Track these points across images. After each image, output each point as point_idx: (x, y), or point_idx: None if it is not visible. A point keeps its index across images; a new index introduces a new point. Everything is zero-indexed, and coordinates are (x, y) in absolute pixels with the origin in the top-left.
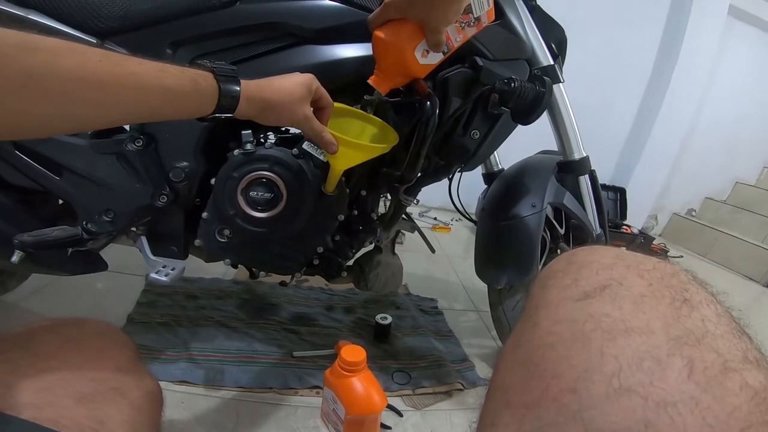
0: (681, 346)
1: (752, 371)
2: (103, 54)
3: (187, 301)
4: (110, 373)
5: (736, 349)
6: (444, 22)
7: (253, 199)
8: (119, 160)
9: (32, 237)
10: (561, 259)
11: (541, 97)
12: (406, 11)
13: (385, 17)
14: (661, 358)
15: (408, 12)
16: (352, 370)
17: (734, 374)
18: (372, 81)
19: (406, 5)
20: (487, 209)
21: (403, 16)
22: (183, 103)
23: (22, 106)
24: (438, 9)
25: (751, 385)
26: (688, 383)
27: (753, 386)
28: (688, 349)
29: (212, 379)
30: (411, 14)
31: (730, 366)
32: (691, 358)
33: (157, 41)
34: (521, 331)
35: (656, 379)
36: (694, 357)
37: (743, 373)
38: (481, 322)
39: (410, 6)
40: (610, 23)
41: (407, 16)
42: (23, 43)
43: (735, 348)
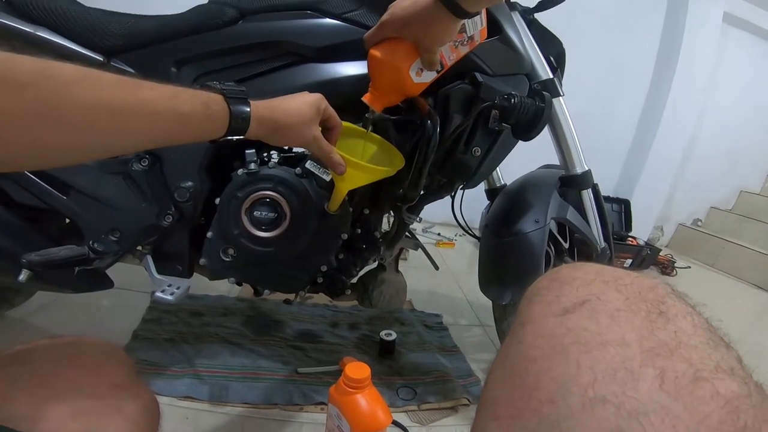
0: (653, 357)
1: (725, 380)
2: (117, 80)
3: (192, 318)
4: (107, 389)
5: (710, 359)
6: (439, 42)
7: (257, 219)
8: (125, 180)
9: (39, 256)
10: (545, 276)
11: (540, 113)
12: (402, 31)
13: (381, 36)
14: (634, 369)
15: (404, 31)
16: (357, 387)
17: (705, 383)
18: (366, 99)
19: (402, 25)
20: (490, 226)
21: (398, 35)
22: (195, 128)
23: (39, 138)
24: (434, 30)
25: (723, 393)
26: (660, 393)
27: (724, 395)
28: (660, 360)
29: (217, 395)
30: (406, 34)
31: (702, 375)
32: (663, 368)
33: (161, 59)
34: (508, 346)
35: (629, 389)
36: (666, 367)
37: (715, 382)
38: (487, 337)
39: (406, 26)
40: (608, 35)
41: (403, 35)
42: (39, 71)
43: (708, 358)
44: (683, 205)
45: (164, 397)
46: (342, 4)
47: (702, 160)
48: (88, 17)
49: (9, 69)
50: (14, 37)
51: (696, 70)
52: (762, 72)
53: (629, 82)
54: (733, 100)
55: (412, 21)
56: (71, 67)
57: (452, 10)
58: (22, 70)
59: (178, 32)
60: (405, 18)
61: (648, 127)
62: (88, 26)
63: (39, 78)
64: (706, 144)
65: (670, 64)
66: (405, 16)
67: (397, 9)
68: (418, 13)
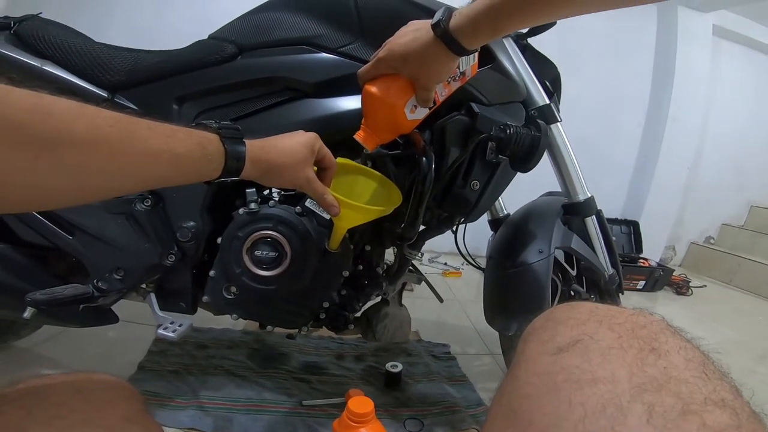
0: (642, 393)
1: (714, 412)
2: (114, 118)
3: (197, 351)
4: (118, 422)
5: (699, 393)
6: (436, 79)
7: (258, 258)
8: (128, 219)
9: (44, 295)
10: (542, 317)
11: (537, 142)
12: (399, 67)
13: (377, 72)
14: (623, 405)
15: (401, 68)
16: (360, 421)
17: (693, 416)
18: (358, 137)
19: (399, 62)
20: (494, 257)
21: (394, 72)
22: (191, 169)
23: (35, 181)
24: (432, 67)
25: (710, 425)
26: (647, 427)
27: (711, 426)
28: (648, 395)
29: (221, 427)
30: (404, 70)
31: (690, 409)
32: (651, 403)
33: (163, 96)
34: (505, 384)
35: (617, 424)
36: (654, 402)
37: (703, 414)
38: (496, 366)
39: (403, 63)
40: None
41: (399, 71)
42: (36, 107)
43: (698, 391)
44: (694, 224)
45: (168, 429)
46: (337, 38)
47: (709, 177)
48: (93, 52)
49: (6, 107)
50: (15, 69)
51: (693, 86)
52: (759, 82)
53: (627, 103)
54: (734, 113)
55: (411, 58)
56: (68, 103)
57: (452, 48)
58: (19, 107)
59: (179, 68)
60: (403, 55)
61: (650, 147)
62: (93, 62)
63: (36, 116)
64: (711, 160)
65: (666, 81)
66: (403, 53)
67: (395, 45)
68: (417, 50)
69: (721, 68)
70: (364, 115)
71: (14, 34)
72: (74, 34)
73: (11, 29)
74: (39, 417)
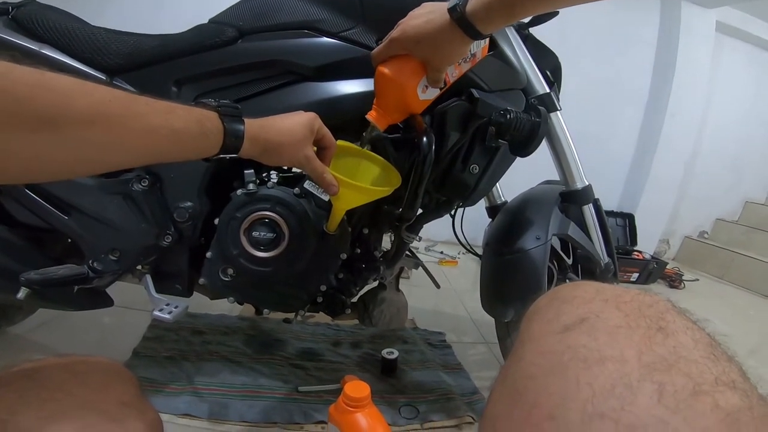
0: (652, 372)
1: (725, 393)
2: (113, 94)
3: (193, 337)
4: (113, 406)
5: (710, 373)
6: (449, 61)
7: (256, 239)
8: (125, 200)
9: (38, 275)
10: (546, 296)
11: (537, 128)
12: (412, 49)
13: (389, 53)
14: (632, 384)
15: (414, 50)
16: (357, 406)
17: (705, 397)
18: (370, 116)
19: (412, 44)
20: (491, 243)
21: (407, 53)
22: (189, 145)
23: (36, 152)
24: (445, 50)
25: (722, 406)
26: (658, 407)
27: (724, 408)
28: (658, 375)
29: (216, 413)
30: (416, 52)
31: (701, 389)
32: (662, 382)
33: (162, 79)
34: (509, 365)
35: (627, 404)
36: (664, 381)
37: (715, 395)
38: (491, 355)
39: (416, 45)
40: (602, 52)
41: (412, 53)
42: (37, 83)
43: (708, 372)
44: (689, 218)
45: (163, 415)
46: (339, 23)
47: (705, 172)
48: (92, 36)
49: (8, 81)
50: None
51: (693, 82)
52: (759, 80)
53: (627, 97)
54: (733, 110)
55: (424, 40)
56: (69, 79)
57: (467, 32)
58: (21, 82)
59: (179, 52)
60: (417, 37)
61: (648, 141)
62: (91, 45)
63: (37, 91)
64: (708, 155)
65: (667, 76)
66: (417, 35)
67: (409, 27)
68: (431, 32)
69: (722, 64)
70: (376, 95)
71: (12, 18)
72: (72, 18)
73: (9, 14)
74: (32, 401)
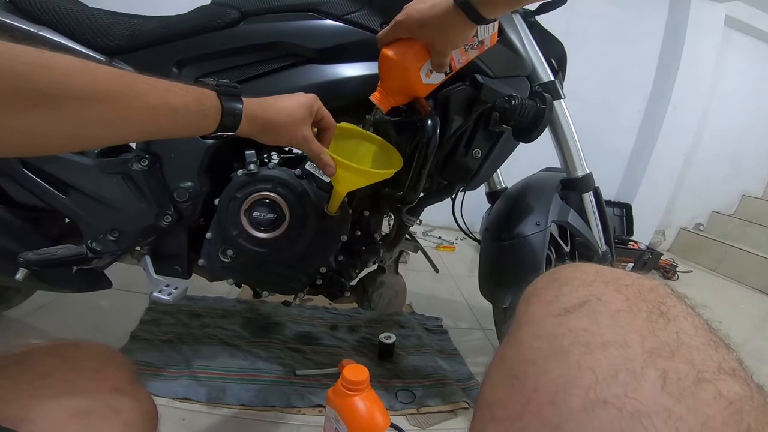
0: (655, 359)
1: (727, 381)
2: (113, 73)
3: (190, 320)
4: (107, 392)
5: (711, 360)
6: (452, 46)
7: (256, 220)
8: (125, 179)
9: (37, 255)
10: (544, 276)
11: (541, 114)
12: (416, 32)
13: (394, 36)
14: (636, 370)
15: (418, 33)
16: (355, 390)
17: (708, 385)
18: (374, 98)
19: (417, 27)
20: (491, 229)
21: (411, 36)
22: (187, 123)
23: (34, 126)
24: (449, 34)
25: (725, 395)
26: (662, 394)
27: (727, 396)
28: (662, 361)
29: (214, 396)
30: (420, 36)
31: (704, 377)
32: (665, 369)
33: (163, 60)
34: (505, 348)
35: (631, 391)
36: (668, 369)
37: (717, 383)
38: (487, 341)
39: (420, 28)
40: (608, 41)
41: (416, 36)
42: (38, 62)
43: (710, 359)
44: (685, 210)
45: (161, 399)
46: (343, 5)
47: (704, 165)
48: (91, 18)
49: (8, 60)
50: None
51: (697, 75)
52: (763, 75)
53: (630, 88)
54: (735, 104)
55: (429, 24)
56: (69, 58)
57: (471, 17)
58: (20, 60)
59: (180, 33)
60: (421, 20)
61: (649, 133)
62: (90, 27)
63: (37, 69)
64: (707, 148)
65: (671, 69)
66: (421, 19)
67: (413, 11)
68: (435, 16)
69: (727, 59)
70: (380, 77)
71: (11, 1)
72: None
73: None
74: (24, 388)
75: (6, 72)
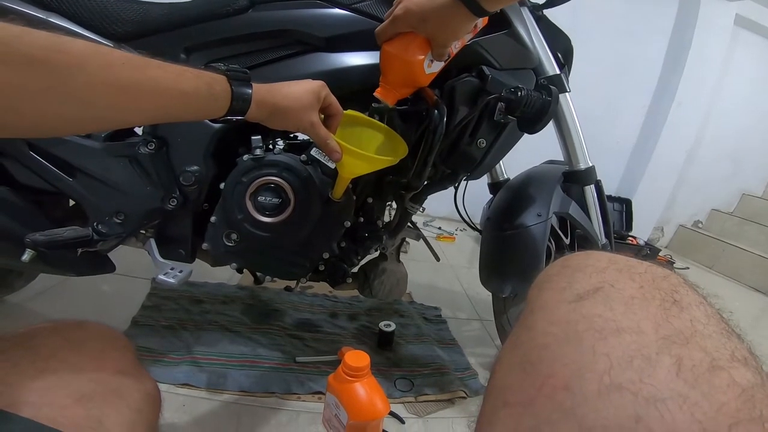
0: (670, 345)
1: (740, 369)
2: (126, 57)
3: (192, 306)
4: (110, 375)
5: (724, 348)
6: (454, 38)
7: (261, 204)
8: (131, 163)
9: (44, 236)
10: (557, 263)
11: (547, 106)
12: (417, 26)
13: (394, 30)
14: (651, 356)
15: (418, 27)
16: (356, 376)
17: (722, 372)
18: (378, 93)
19: (418, 21)
20: (492, 219)
21: (411, 30)
22: (198, 106)
23: (47, 107)
24: (449, 27)
25: (739, 382)
26: (677, 380)
27: (740, 384)
28: (676, 348)
29: (215, 382)
30: (421, 29)
31: (718, 364)
32: (680, 356)
33: (171, 46)
34: (518, 334)
35: (646, 376)
36: (682, 355)
37: (731, 371)
38: (485, 331)
39: (422, 22)
40: (616, 35)
41: (416, 30)
42: (53, 46)
43: (723, 347)
44: (685, 207)
45: (162, 385)
46: None
47: (705, 163)
48: (100, 4)
49: (23, 43)
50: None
51: (704, 73)
52: None
53: (635, 84)
54: (739, 103)
55: (429, 17)
56: (83, 43)
57: (472, 9)
58: (35, 44)
59: (189, 20)
60: (421, 14)
61: (652, 129)
62: (99, 13)
63: (51, 53)
64: (709, 146)
65: (678, 66)
66: (421, 12)
67: (412, 4)
68: (436, 10)
69: (735, 57)
70: (383, 72)
71: None
72: None
73: None
74: (26, 370)
75: (22, 55)
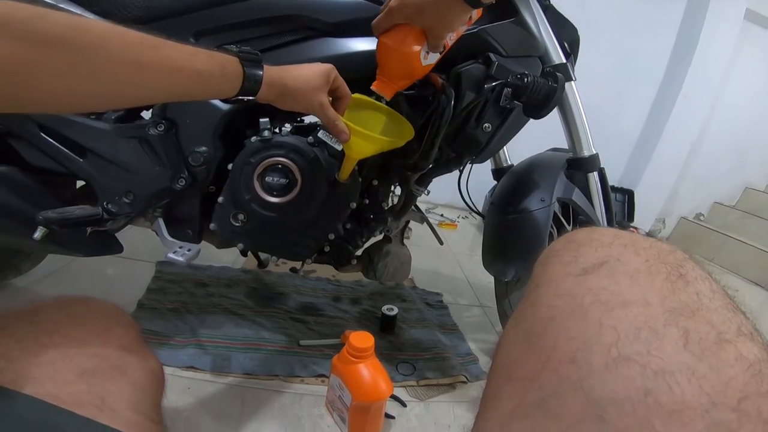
0: (677, 317)
1: (746, 343)
2: (142, 37)
3: (196, 289)
4: (113, 351)
5: (731, 323)
6: (450, 29)
7: (269, 185)
8: (141, 143)
9: (56, 214)
10: (562, 239)
11: (553, 92)
12: (413, 18)
13: (390, 22)
14: (658, 329)
15: (415, 19)
16: (360, 357)
17: (729, 345)
18: (375, 87)
19: (414, 13)
20: (496, 203)
21: (407, 22)
22: (211, 86)
23: (70, 85)
24: (446, 18)
25: (746, 356)
26: (685, 353)
27: (748, 357)
28: (683, 321)
29: (219, 365)
30: (418, 21)
31: (725, 338)
32: (687, 329)
33: (180, 31)
34: (523, 309)
35: (654, 349)
36: (689, 328)
37: (737, 344)
38: (486, 318)
39: (418, 14)
40: (623, 27)
41: (413, 22)
42: (75, 25)
43: (729, 321)
44: (687, 199)
45: (167, 368)
46: None
47: (709, 156)
48: None
49: (46, 23)
50: None
51: (710, 67)
52: None
53: (641, 76)
54: (746, 97)
55: (426, 9)
56: (103, 23)
57: (467, 1)
58: (57, 23)
59: (198, 5)
60: (417, 6)
61: (657, 121)
62: None
63: (73, 32)
64: (713, 139)
65: (685, 58)
66: (419, 5)
67: None
68: (432, 1)
69: (743, 52)
70: (379, 65)
71: None
72: None
73: None
74: (30, 346)
75: (44, 33)
